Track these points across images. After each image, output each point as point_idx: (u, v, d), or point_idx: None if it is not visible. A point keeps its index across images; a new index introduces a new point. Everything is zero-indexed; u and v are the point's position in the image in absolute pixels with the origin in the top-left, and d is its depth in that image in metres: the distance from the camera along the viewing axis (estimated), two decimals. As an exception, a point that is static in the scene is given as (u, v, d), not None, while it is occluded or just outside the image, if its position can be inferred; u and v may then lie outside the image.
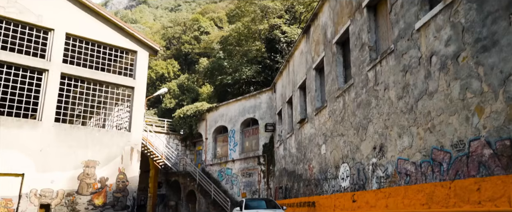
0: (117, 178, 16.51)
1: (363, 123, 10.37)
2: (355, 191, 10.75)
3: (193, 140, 29.62)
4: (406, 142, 8.15)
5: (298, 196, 16.30)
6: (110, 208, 16.07)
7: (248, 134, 25.46)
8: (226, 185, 25.71)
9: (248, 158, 24.58)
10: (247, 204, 13.73)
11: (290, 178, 18.01)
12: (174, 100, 40.42)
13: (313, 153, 14.74)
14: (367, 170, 10.03)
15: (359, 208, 10.33)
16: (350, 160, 11.24)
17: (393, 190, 8.56)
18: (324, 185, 13.34)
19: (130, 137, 17.27)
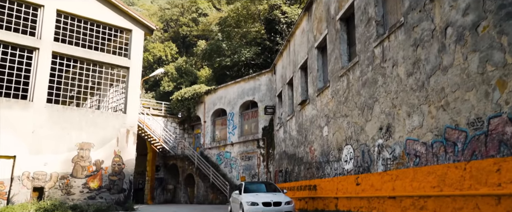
0: (112, 161, 16.06)
1: (369, 102, 9.85)
2: (359, 174, 10.31)
3: (191, 123, 29.16)
4: (416, 122, 7.65)
5: (299, 180, 15.92)
6: (106, 191, 15.68)
7: (247, 117, 24.98)
8: (225, 169, 25.37)
9: (247, 142, 24.16)
10: (246, 188, 13.31)
11: (290, 161, 17.60)
12: (172, 83, 39.78)
13: (314, 135, 14.27)
14: (373, 152, 9.56)
15: (363, 192, 9.91)
16: (354, 141, 10.76)
17: (401, 173, 8.10)
18: (326, 168, 12.91)
19: (126, 119, 16.76)
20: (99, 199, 15.42)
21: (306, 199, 14.72)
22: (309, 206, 14.27)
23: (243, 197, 12.27)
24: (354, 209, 10.47)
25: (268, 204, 11.56)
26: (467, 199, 6.07)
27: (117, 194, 15.97)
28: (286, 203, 11.72)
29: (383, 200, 8.86)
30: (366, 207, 9.76)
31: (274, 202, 11.60)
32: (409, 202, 7.76)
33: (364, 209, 9.83)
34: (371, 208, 9.46)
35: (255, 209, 11.47)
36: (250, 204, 11.60)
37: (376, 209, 9.22)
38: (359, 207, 10.13)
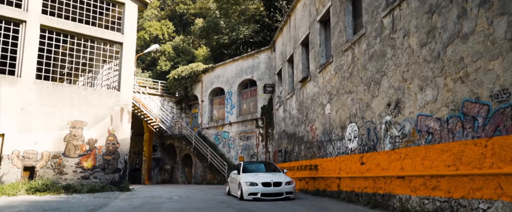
0: (106, 140, 15.51)
1: (376, 77, 9.24)
2: (364, 153, 9.79)
3: (188, 103, 28.57)
4: (429, 96, 7.06)
5: (299, 159, 15.45)
6: (100, 171, 15.20)
7: (246, 96, 24.38)
8: (223, 149, 24.93)
9: (245, 121, 23.64)
10: (245, 168, 12.83)
11: (290, 140, 17.11)
12: (169, 62, 38.95)
13: (316, 114, 13.72)
14: (379, 130, 9.01)
15: (369, 171, 9.41)
16: (358, 119, 10.20)
17: (411, 151, 7.57)
18: (328, 147, 12.40)
19: (120, 96, 16.13)
20: (93, 179, 14.95)
21: (306, 179, 14.29)
22: (310, 186, 13.84)
23: (242, 177, 11.80)
24: (358, 189, 10.01)
25: (268, 184, 11.09)
26: (487, 179, 5.54)
27: (112, 174, 15.49)
28: (286, 183, 11.26)
29: (390, 180, 8.37)
30: (371, 187, 9.28)
31: (274, 182, 11.14)
32: (419, 182, 7.25)
33: (369, 190, 9.36)
34: (377, 188, 8.98)
35: (254, 189, 11.01)
36: (249, 184, 11.13)
37: (382, 190, 8.74)
38: (364, 187, 9.65)
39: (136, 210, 8.83)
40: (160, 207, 9.45)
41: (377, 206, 8.67)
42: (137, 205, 9.96)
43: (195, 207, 9.31)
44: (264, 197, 10.93)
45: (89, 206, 9.64)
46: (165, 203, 10.39)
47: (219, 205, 9.77)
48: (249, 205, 9.67)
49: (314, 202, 10.49)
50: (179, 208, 9.06)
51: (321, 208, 8.92)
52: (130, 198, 12.03)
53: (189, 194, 13.82)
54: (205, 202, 10.61)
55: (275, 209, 8.90)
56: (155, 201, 11.16)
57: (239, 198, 11.36)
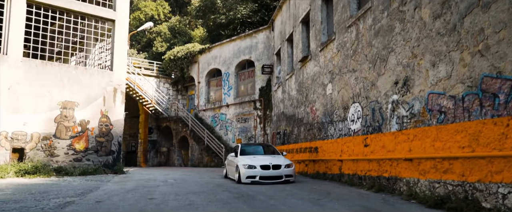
0: (99, 121, 14.97)
1: (382, 54, 8.67)
2: (367, 134, 9.32)
3: (184, 84, 27.96)
4: (442, 72, 6.52)
5: (298, 142, 15.01)
6: (93, 153, 14.71)
7: (244, 77, 23.79)
8: (220, 131, 24.49)
9: (243, 103, 23.11)
10: (243, 150, 12.37)
11: (289, 122, 16.63)
12: (165, 43, 38.10)
13: (316, 94, 13.19)
14: (385, 110, 8.51)
15: (373, 154, 8.95)
16: (362, 99, 9.68)
17: (420, 132, 7.07)
18: (329, 129, 11.92)
19: (113, 76, 15.51)
20: (86, 161, 14.48)
21: (306, 161, 13.87)
22: (310, 169, 13.43)
23: (240, 159, 11.34)
24: (361, 172, 9.57)
25: (266, 167, 10.64)
26: (509, 161, 5.06)
27: (105, 157, 15.02)
28: (286, 166, 10.81)
29: (397, 163, 7.91)
30: (375, 170, 8.83)
31: (273, 165, 10.69)
32: (429, 165, 6.79)
33: (373, 173, 8.92)
34: (382, 171, 8.53)
35: (252, 172, 10.56)
36: (247, 167, 10.68)
37: (387, 173, 8.30)
38: (367, 170, 9.21)
39: (128, 193, 8.37)
40: (154, 190, 8.99)
41: (382, 189, 8.24)
42: (130, 188, 9.51)
43: (191, 191, 8.86)
44: (262, 180, 10.50)
45: (79, 189, 9.18)
46: (160, 187, 9.94)
47: (215, 189, 9.33)
48: (247, 189, 9.23)
49: (315, 185, 10.07)
50: (174, 192, 8.61)
51: (322, 192, 8.49)
52: (123, 181, 11.58)
53: (185, 177, 13.40)
54: (201, 186, 10.17)
55: (274, 193, 8.46)
56: (149, 184, 10.71)
57: (237, 181, 10.93)
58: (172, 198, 7.52)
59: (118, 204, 6.75)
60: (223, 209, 6.20)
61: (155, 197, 7.76)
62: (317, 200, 7.19)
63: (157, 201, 7.11)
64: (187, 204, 6.75)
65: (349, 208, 6.22)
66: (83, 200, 7.35)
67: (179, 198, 7.50)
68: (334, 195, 7.91)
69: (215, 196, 7.91)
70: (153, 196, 7.84)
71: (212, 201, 7.08)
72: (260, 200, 7.22)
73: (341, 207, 6.39)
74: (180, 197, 7.65)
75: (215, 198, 7.60)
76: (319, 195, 8.00)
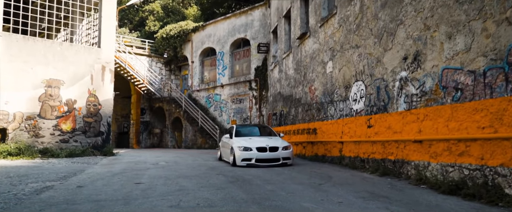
0: (87, 100, 14.23)
1: (390, 27, 7.98)
2: (371, 115, 8.71)
3: (178, 64, 27.13)
4: (460, 45, 5.86)
5: (296, 123, 14.42)
6: (81, 134, 14.03)
7: (239, 57, 23.01)
8: (215, 112, 23.84)
9: (238, 83, 22.41)
10: (238, 131, 11.75)
11: (286, 103, 16.00)
12: (158, 22, 36.94)
13: (315, 73, 12.52)
14: (392, 88, 7.87)
15: (377, 135, 8.36)
16: (366, 77, 9.04)
17: (433, 111, 6.46)
18: (328, 109, 11.31)
19: (100, 53, 14.68)
20: (74, 142, 13.81)
21: (304, 143, 13.32)
22: (308, 152, 12.88)
23: (235, 141, 10.73)
24: (363, 154, 9.01)
25: (263, 149, 10.05)
26: (540, 143, 4.47)
27: (94, 138, 14.35)
28: (283, 148, 10.23)
29: (404, 145, 7.33)
30: (379, 152, 8.26)
31: (270, 147, 10.10)
32: (442, 147, 6.21)
33: (377, 155, 8.36)
34: (387, 153, 7.97)
35: (248, 154, 9.97)
36: (243, 149, 10.08)
37: (393, 155, 7.73)
38: (371, 152, 8.65)
39: (114, 177, 7.75)
40: (143, 174, 8.38)
41: (387, 173, 7.69)
42: (117, 171, 8.89)
43: (182, 175, 8.26)
44: (259, 163, 9.92)
45: (62, 172, 8.55)
46: (150, 170, 9.33)
47: (209, 172, 8.74)
48: (242, 172, 8.65)
49: (314, 168, 9.51)
50: (164, 176, 8.00)
51: (323, 176, 7.93)
52: (112, 164, 10.95)
53: (177, 160, 12.80)
54: (193, 169, 9.58)
55: (271, 176, 7.89)
56: (138, 167, 10.10)
57: (232, 164, 10.35)
58: (161, 183, 6.91)
59: (101, 190, 6.12)
60: (216, 195, 5.60)
61: (143, 181, 7.15)
62: (318, 185, 6.62)
63: (145, 186, 6.50)
64: (177, 189, 6.15)
65: (355, 194, 5.66)
66: (63, 184, 6.72)
67: (168, 183, 6.90)
68: (336, 179, 7.34)
69: (208, 180, 7.31)
70: (141, 181, 7.23)
71: (205, 186, 6.48)
72: (257, 185, 6.64)
73: (345, 193, 5.82)
74: (170, 182, 7.04)
75: (208, 182, 7.00)
76: (320, 179, 7.44)
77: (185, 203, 5.03)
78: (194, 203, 5.00)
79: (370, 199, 5.32)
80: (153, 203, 5.04)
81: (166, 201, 5.17)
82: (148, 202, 5.07)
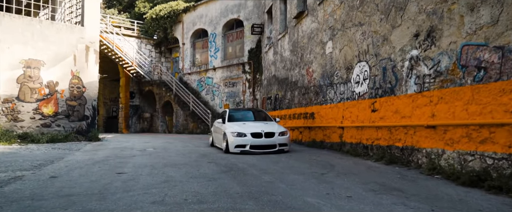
0: (70, 83, 13.35)
1: (399, 1, 7.24)
2: (376, 98, 8.04)
3: (168, 46, 26.14)
4: (485, 17, 5.15)
5: (291, 107, 13.73)
6: (64, 118, 13.20)
7: (232, 38, 22.11)
8: (207, 96, 23.06)
9: (231, 66, 21.58)
10: (231, 116, 11.03)
11: (281, 86, 15.27)
12: (148, 3, 35.60)
13: (313, 54, 11.78)
14: (400, 68, 7.18)
15: (383, 120, 7.71)
16: (371, 57, 8.32)
17: (449, 93, 5.79)
18: (328, 93, 10.62)
19: (84, 33, 13.73)
20: (56, 127, 12.99)
21: (300, 129, 12.66)
22: (305, 137, 12.24)
23: (228, 126, 10.02)
24: (366, 141, 8.37)
25: (258, 135, 9.36)
26: None
27: (78, 122, 13.53)
28: (279, 134, 9.54)
29: (414, 130, 6.68)
30: (385, 138, 7.62)
31: (265, 133, 9.40)
32: (460, 133, 5.56)
33: (383, 142, 7.71)
34: (394, 140, 7.33)
35: (242, 141, 9.28)
36: (236, 135, 9.38)
37: (401, 142, 7.09)
38: (375, 138, 8.00)
39: (95, 166, 7.03)
40: (127, 162, 7.66)
41: (394, 161, 7.06)
42: (100, 159, 8.15)
43: (171, 163, 7.56)
44: (253, 150, 9.24)
45: (38, 160, 7.79)
46: (135, 157, 8.61)
47: (200, 160, 8.04)
48: (236, 160, 7.97)
49: (313, 155, 8.87)
50: (150, 164, 7.29)
51: (324, 164, 7.28)
52: (95, 150, 10.20)
53: (167, 145, 12.09)
54: (183, 156, 8.88)
55: (268, 165, 7.22)
56: (124, 154, 9.37)
57: (224, 150, 9.66)
58: (146, 173, 6.20)
59: (76, 181, 5.40)
60: (207, 187, 4.92)
61: (126, 171, 6.43)
62: (321, 175, 5.97)
63: (127, 177, 5.79)
64: (163, 181, 5.45)
65: (364, 187, 5.01)
66: (35, 174, 5.97)
67: (154, 173, 6.19)
68: (339, 168, 6.69)
69: (198, 169, 6.62)
70: (124, 170, 6.51)
71: (194, 177, 5.79)
72: (253, 175, 5.96)
73: (352, 184, 5.17)
74: (156, 171, 6.34)
75: (198, 172, 6.31)
76: (321, 168, 6.78)
77: (170, 198, 4.34)
78: (181, 198, 4.31)
79: (382, 192, 4.68)
80: (134, 198, 4.34)
81: (149, 195, 4.47)
82: (128, 197, 4.37)
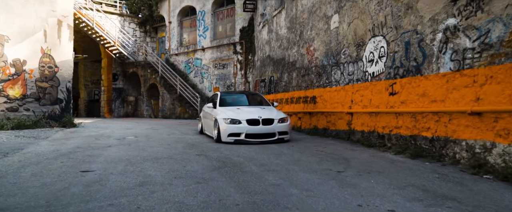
0: (40, 61, 11.83)
1: (430, -40, 5.93)
2: (396, 79, 6.80)
3: (154, 25, 24.47)
4: None
5: (289, 90, 12.47)
6: (34, 101, 11.73)
7: (222, 16, 20.59)
8: (195, 79, 21.63)
9: (221, 46, 20.13)
10: (223, 99, 9.71)
11: (277, 68, 13.96)
12: (132, -20, 33.65)
13: (315, 30, 10.46)
14: (430, 42, 5.93)
15: (404, 105, 6.50)
16: (389, 30, 7.05)
17: (503, 70, 4.58)
18: (333, 74, 9.36)
19: (55, 5, 12.14)
20: (24, 111, 11.53)
21: (299, 114, 11.44)
22: (305, 124, 11.03)
23: (219, 112, 8.73)
24: (382, 129, 7.17)
25: (255, 122, 8.09)
26: None
27: (51, 106, 12.08)
28: (279, 121, 8.30)
29: (449, 118, 5.48)
30: (408, 127, 6.42)
31: (263, 120, 8.14)
32: (518, 123, 4.37)
33: (404, 131, 6.52)
34: (420, 129, 6.13)
35: (236, 128, 8.00)
36: (230, 121, 8.09)
37: (430, 131, 5.90)
38: (394, 127, 6.80)
39: (56, 161, 5.70)
40: (99, 155, 6.34)
41: (421, 155, 5.87)
42: (66, 151, 6.81)
43: (152, 155, 6.26)
44: (249, 139, 7.99)
45: (-9, 152, 6.42)
46: (111, 148, 7.29)
47: (187, 153, 6.76)
48: (230, 152, 6.71)
49: (318, 146, 7.66)
50: (126, 158, 5.99)
51: (336, 158, 6.07)
52: (66, 138, 8.83)
53: (150, 133, 10.77)
54: (168, 147, 7.58)
55: (269, 159, 5.98)
56: (98, 143, 8.03)
57: (216, 139, 8.38)
58: (119, 170, 4.91)
59: (22, 185, 4.09)
60: (195, 195, 3.66)
61: (94, 168, 5.13)
62: (338, 174, 4.75)
63: (92, 177, 4.49)
64: (138, 183, 4.17)
65: (402, 193, 3.81)
66: (-28, 174, 4.63)
67: (129, 171, 4.90)
68: (356, 164, 5.49)
69: (184, 165, 5.34)
70: (91, 167, 5.21)
71: (179, 177, 4.52)
72: (253, 174, 4.72)
73: (385, 189, 3.96)
74: (132, 169, 5.05)
75: (185, 169, 5.04)
76: (334, 163, 5.57)
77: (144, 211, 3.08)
78: (159, 215, 3.05)
79: (431, 202, 3.47)
80: (92, 214, 3.06)
81: (115, 208, 3.20)
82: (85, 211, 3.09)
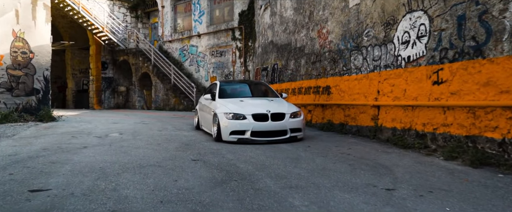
0: (11, 46, 10.31)
1: None
2: (443, 64, 5.40)
3: (146, 10, 22.85)
4: None
5: (296, 80, 11.05)
6: (6, 92, 10.25)
7: (219, 0, 19.02)
8: (190, 67, 20.15)
9: (219, 32, 18.61)
10: (222, 90, 8.25)
11: (281, 54, 12.51)
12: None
13: (329, 10, 9.01)
14: (497, 15, 4.52)
15: (456, 97, 5.11)
16: (432, 2, 5.62)
17: None
18: (352, 59, 7.95)
19: (29, -19, 10.61)
20: (-5, 104, 10.07)
21: (309, 107, 10.04)
22: (316, 117, 9.64)
23: (219, 105, 7.29)
24: (424, 127, 5.79)
25: (262, 117, 6.67)
26: None
27: (25, 97, 10.60)
28: (291, 116, 6.89)
29: (530, 115, 4.10)
30: (463, 125, 5.04)
31: (272, 114, 6.72)
32: None
33: (458, 130, 5.14)
34: (482, 128, 4.75)
35: (240, 125, 6.59)
36: (232, 117, 6.67)
37: (498, 131, 4.52)
38: (442, 124, 5.42)
39: (8, 170, 4.32)
40: (66, 162, 4.93)
41: (487, 163, 4.51)
42: (27, 155, 5.39)
43: (135, 162, 4.86)
44: (256, 137, 6.58)
45: None
46: (85, 150, 5.87)
47: (180, 156, 5.35)
48: (234, 156, 5.31)
49: (340, 147, 6.27)
50: (100, 167, 4.59)
51: (370, 164, 4.70)
52: (35, 137, 7.38)
53: (139, 128, 9.35)
54: (158, 147, 6.17)
55: (285, 166, 4.61)
56: (72, 143, 6.60)
57: (215, 138, 6.96)
58: (84, 189, 3.50)
59: None
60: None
61: (51, 184, 3.72)
62: (387, 194, 3.38)
63: (42, 202, 3.09)
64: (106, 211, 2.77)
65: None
66: None
67: (98, 189, 3.50)
68: (405, 176, 4.10)
69: (175, 179, 3.94)
70: (48, 182, 3.80)
71: (168, 201, 3.11)
72: (271, 194, 3.33)
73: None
74: (104, 186, 3.64)
75: (175, 186, 3.64)
76: (373, 174, 4.19)
77: None
78: None
79: None
80: None
81: None
82: None
